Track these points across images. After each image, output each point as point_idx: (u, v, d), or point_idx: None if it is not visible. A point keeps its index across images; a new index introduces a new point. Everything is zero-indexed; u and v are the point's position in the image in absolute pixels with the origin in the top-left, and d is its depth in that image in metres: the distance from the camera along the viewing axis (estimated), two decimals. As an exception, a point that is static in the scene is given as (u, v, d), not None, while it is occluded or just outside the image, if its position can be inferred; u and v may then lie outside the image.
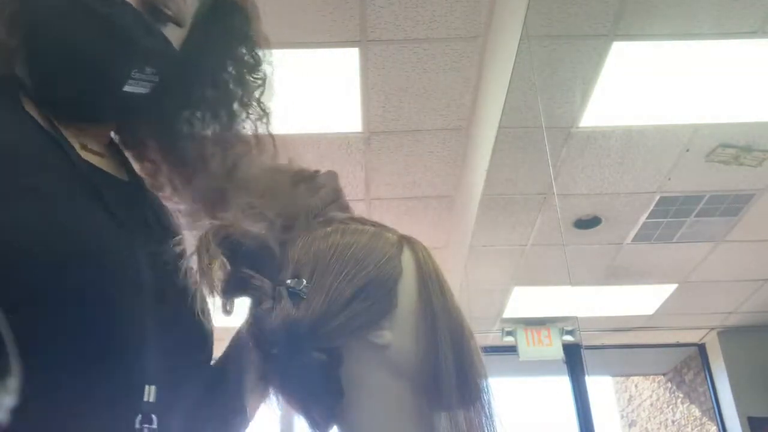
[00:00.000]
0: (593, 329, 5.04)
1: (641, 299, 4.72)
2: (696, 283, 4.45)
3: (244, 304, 0.67)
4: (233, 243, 0.63)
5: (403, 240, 0.69)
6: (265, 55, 0.84)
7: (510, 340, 4.96)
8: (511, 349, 4.90)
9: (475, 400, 0.64)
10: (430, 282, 0.66)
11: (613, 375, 7.43)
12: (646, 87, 2.81)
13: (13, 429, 0.50)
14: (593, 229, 3.77)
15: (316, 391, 0.63)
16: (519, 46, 2.45)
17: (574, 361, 5.14)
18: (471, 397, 0.64)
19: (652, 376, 6.70)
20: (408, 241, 0.69)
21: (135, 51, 0.68)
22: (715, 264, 4.16)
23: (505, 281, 4.40)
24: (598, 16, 2.46)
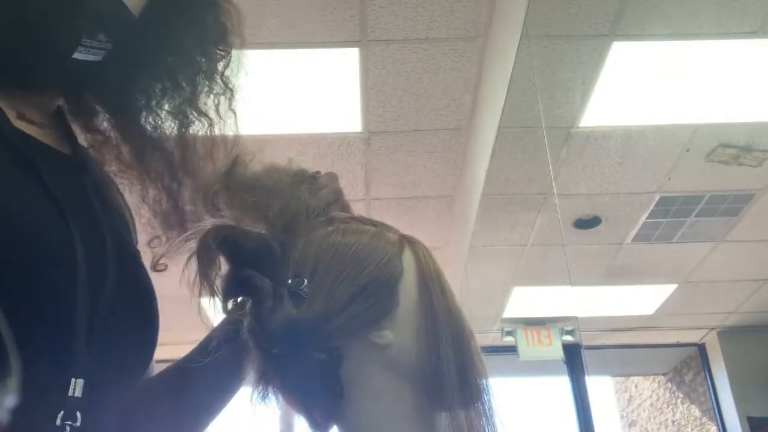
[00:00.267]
0: (593, 329, 5.04)
1: (641, 299, 4.72)
2: (696, 283, 4.45)
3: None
4: (234, 243, 0.63)
5: (404, 240, 0.69)
6: (234, 25, 0.78)
7: (510, 340, 4.96)
8: (511, 349, 4.90)
9: (475, 400, 0.64)
10: (431, 282, 0.66)
11: (613, 375, 7.43)
12: (646, 87, 2.81)
13: None
14: (593, 229, 3.76)
15: (317, 391, 0.62)
16: (519, 46, 2.44)
17: (574, 361, 5.14)
18: (471, 397, 0.64)
19: (652, 376, 6.70)
20: (409, 240, 0.69)
21: (85, 15, 0.62)
22: (715, 264, 4.16)
23: (505, 281, 4.40)
24: (598, 16, 2.46)
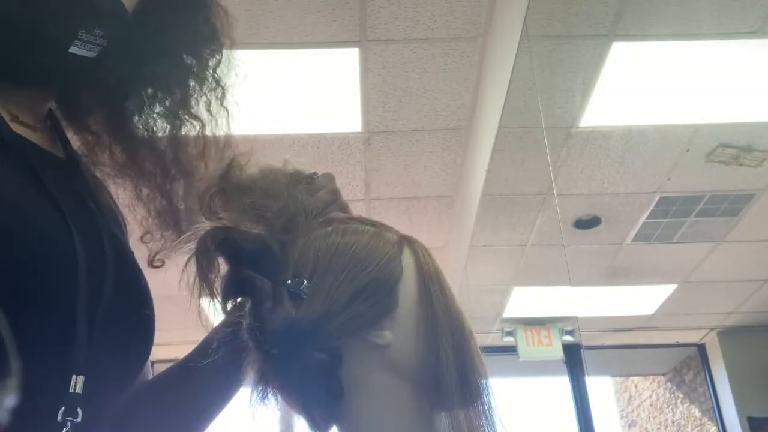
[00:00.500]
0: (593, 329, 5.04)
1: (641, 299, 4.72)
2: (696, 283, 4.45)
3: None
4: (233, 244, 0.63)
5: (404, 240, 0.69)
6: (224, 28, 0.79)
7: (510, 340, 4.96)
8: (511, 349, 4.91)
9: (475, 400, 0.64)
10: (431, 282, 0.66)
11: (613, 375, 7.43)
12: (646, 87, 2.81)
13: None
14: (593, 229, 3.76)
15: (316, 391, 0.62)
16: (519, 46, 2.44)
17: (574, 361, 5.14)
18: (471, 397, 0.64)
19: (652, 377, 6.70)
20: (408, 241, 0.69)
21: (84, 9, 0.62)
22: (715, 264, 4.16)
23: (505, 281, 4.40)
24: (598, 16, 2.46)
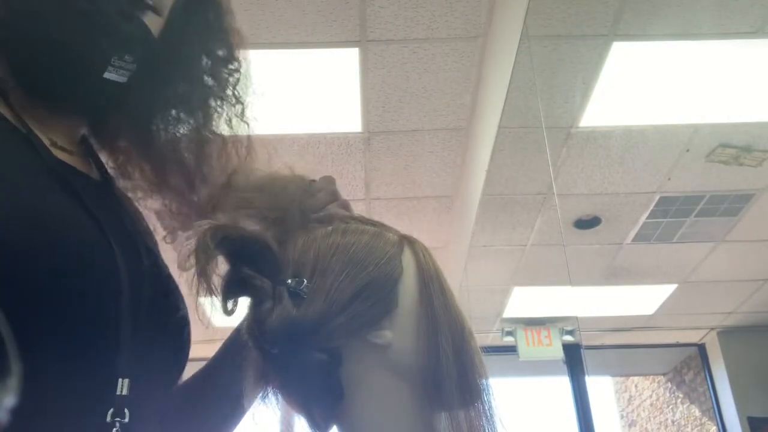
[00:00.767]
0: (593, 329, 5.04)
1: (641, 299, 4.72)
2: (696, 283, 4.45)
3: (244, 304, 0.66)
4: (233, 243, 0.63)
5: (404, 240, 0.69)
6: (239, 49, 0.83)
7: (510, 340, 4.96)
8: (511, 349, 4.90)
9: (475, 400, 0.64)
10: (431, 282, 0.66)
11: (613, 375, 7.43)
12: (646, 87, 2.81)
13: None
14: (593, 229, 3.76)
15: (316, 391, 0.62)
16: (519, 46, 2.44)
17: (574, 361, 5.14)
18: (471, 397, 0.64)
19: (652, 376, 6.70)
20: (408, 240, 0.69)
21: (115, 37, 0.66)
22: (715, 264, 4.16)
23: (505, 281, 4.40)
24: (598, 16, 2.45)
